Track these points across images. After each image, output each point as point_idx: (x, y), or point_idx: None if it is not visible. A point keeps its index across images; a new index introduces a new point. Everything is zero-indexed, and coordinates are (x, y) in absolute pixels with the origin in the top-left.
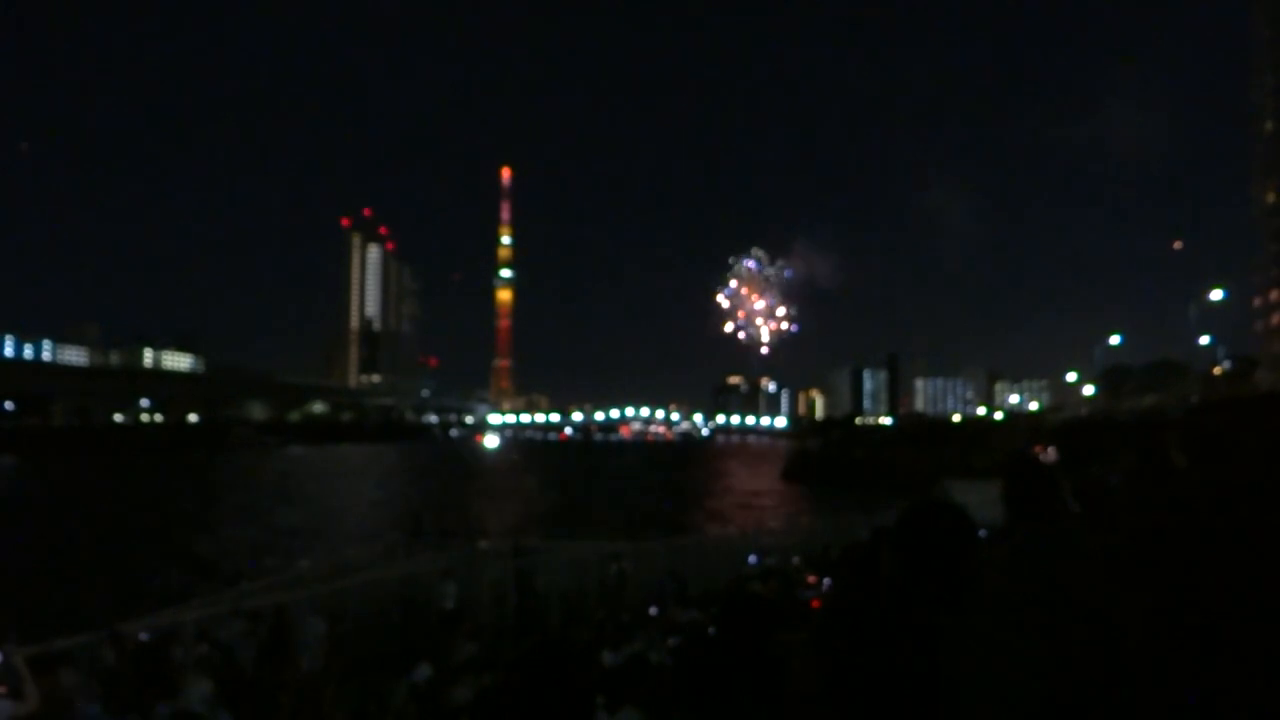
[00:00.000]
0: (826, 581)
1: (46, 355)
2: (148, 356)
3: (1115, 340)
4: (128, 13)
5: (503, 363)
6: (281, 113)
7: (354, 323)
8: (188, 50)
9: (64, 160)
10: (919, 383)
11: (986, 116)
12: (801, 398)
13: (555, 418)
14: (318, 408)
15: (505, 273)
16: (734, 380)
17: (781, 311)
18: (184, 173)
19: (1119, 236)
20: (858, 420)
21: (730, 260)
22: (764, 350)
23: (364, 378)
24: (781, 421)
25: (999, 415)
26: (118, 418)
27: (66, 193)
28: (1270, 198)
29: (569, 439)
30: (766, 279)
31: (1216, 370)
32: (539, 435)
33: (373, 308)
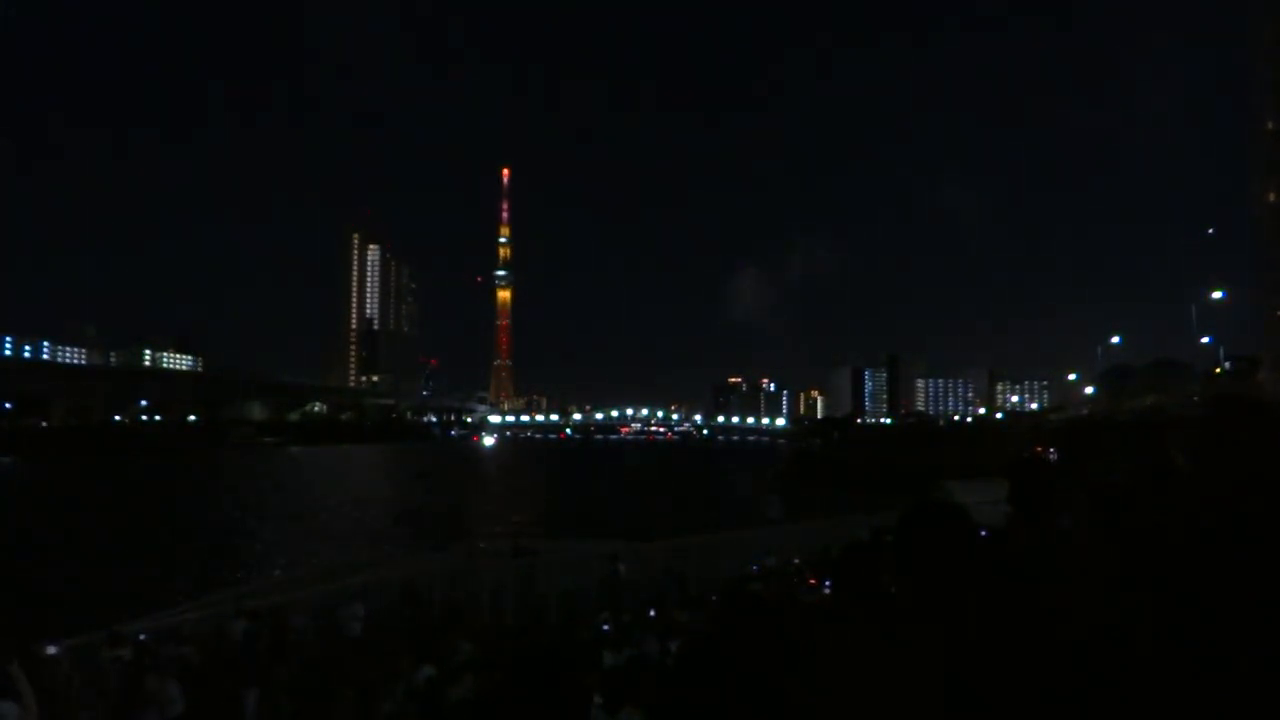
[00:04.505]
0: (827, 583)
1: (45, 355)
2: (147, 356)
3: (1116, 340)
4: (128, 12)
5: (503, 363)
6: (281, 113)
7: (354, 323)
8: (188, 50)
9: (64, 160)
10: (919, 383)
11: (988, 118)
12: (801, 398)
13: (555, 418)
14: (318, 408)
15: (503, 272)
16: (734, 380)
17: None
18: (184, 173)
19: (1120, 236)
20: (858, 420)
21: None
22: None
23: (364, 378)
24: (781, 421)
25: (999, 415)
26: (117, 418)
27: (66, 193)
28: (1271, 197)
29: (568, 439)
30: None
31: (1218, 370)
32: (538, 435)
33: (373, 308)
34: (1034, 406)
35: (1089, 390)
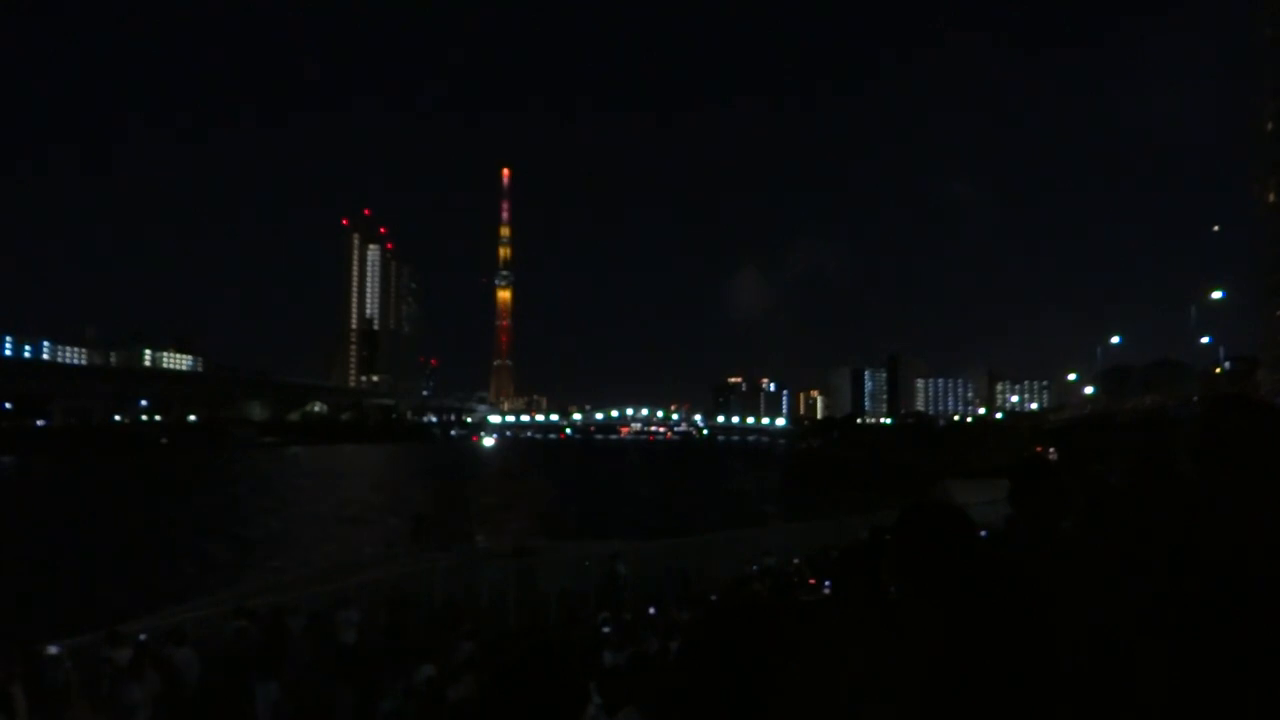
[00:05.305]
0: (827, 583)
1: (45, 355)
2: (147, 356)
3: (1116, 340)
4: (129, 13)
5: (503, 363)
6: (282, 113)
7: (354, 323)
8: (188, 51)
9: (64, 161)
10: (919, 383)
11: (990, 118)
12: (802, 398)
13: (555, 418)
14: (318, 408)
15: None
16: (734, 380)
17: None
18: (184, 174)
19: (1121, 236)
20: (858, 420)
21: None
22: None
23: (364, 378)
24: (781, 421)
25: (999, 415)
26: (117, 418)
27: (67, 193)
28: (1271, 197)
29: (568, 439)
30: None
31: (1217, 370)
32: (538, 435)
33: (373, 308)
34: (1034, 406)
35: (1089, 390)
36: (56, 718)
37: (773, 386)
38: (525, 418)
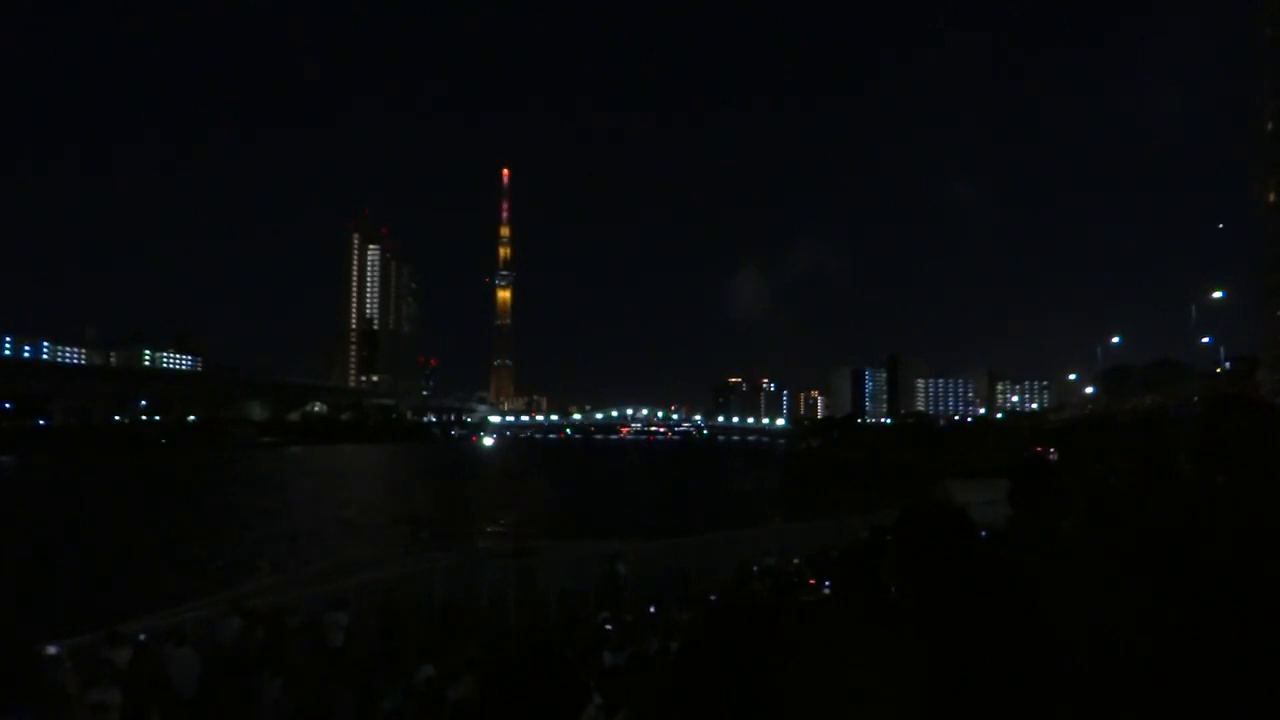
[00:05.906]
0: (827, 583)
1: (45, 355)
2: (147, 356)
3: (1116, 340)
4: (129, 13)
5: (503, 363)
6: (282, 113)
7: (354, 323)
8: (189, 51)
9: (64, 161)
10: (919, 383)
11: (989, 119)
12: (802, 398)
13: (555, 418)
14: (318, 408)
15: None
16: (734, 380)
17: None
18: (184, 174)
19: (1120, 236)
20: (858, 420)
21: None
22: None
23: (364, 378)
24: (781, 421)
25: (999, 415)
26: (117, 418)
27: (67, 194)
28: (1271, 197)
29: (568, 439)
30: None
31: (1218, 370)
32: (538, 435)
33: (373, 308)
34: (1034, 406)
35: (1089, 390)
36: (56, 717)
37: (773, 386)
38: (525, 418)
